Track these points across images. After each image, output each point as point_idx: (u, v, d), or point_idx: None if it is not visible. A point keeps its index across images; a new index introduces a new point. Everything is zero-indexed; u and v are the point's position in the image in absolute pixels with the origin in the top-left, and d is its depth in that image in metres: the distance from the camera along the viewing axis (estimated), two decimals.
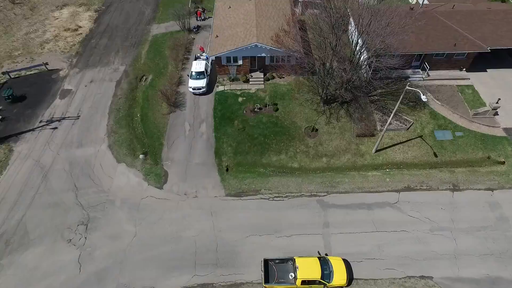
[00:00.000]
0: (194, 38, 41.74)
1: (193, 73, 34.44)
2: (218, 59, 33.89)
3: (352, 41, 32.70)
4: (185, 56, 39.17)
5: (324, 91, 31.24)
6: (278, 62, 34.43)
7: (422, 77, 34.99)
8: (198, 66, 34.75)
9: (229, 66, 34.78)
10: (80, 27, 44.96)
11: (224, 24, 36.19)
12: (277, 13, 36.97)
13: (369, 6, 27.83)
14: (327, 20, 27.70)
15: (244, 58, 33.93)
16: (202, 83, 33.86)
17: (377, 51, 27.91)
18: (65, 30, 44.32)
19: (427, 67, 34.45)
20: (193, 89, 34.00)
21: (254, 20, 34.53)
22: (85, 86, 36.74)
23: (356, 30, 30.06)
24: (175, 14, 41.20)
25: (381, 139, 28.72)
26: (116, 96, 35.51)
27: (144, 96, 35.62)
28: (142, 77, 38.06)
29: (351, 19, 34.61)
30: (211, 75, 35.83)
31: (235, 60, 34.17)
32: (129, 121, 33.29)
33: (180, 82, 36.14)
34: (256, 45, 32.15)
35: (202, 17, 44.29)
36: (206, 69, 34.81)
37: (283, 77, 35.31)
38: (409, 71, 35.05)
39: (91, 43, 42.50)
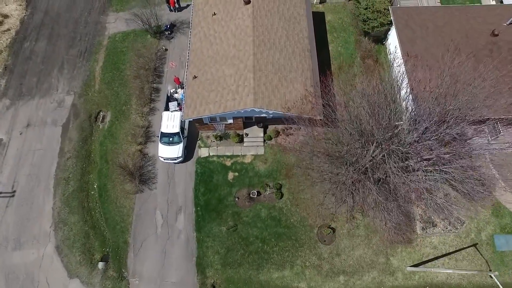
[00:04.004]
0: (166, 50, 29.34)
1: (164, 134, 24.29)
2: (198, 119, 23.34)
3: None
4: (154, 85, 27.84)
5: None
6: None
7: (488, 139, 24.83)
8: (170, 122, 24.28)
9: (215, 124, 24.37)
10: (6, 16, 31.77)
11: (206, 51, 24.14)
12: (287, 31, 24.46)
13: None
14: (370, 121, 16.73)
15: (236, 117, 23.38)
16: (176, 151, 24.01)
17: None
18: None
19: (499, 130, 24.05)
20: (165, 159, 24.39)
21: (251, 55, 22.61)
22: (20, 133, 26.83)
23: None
24: (136, 15, 28.08)
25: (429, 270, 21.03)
26: (63, 155, 26.02)
27: (101, 152, 26.15)
28: (98, 113, 27.71)
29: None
30: (191, 130, 25.58)
31: (223, 119, 23.65)
32: (83, 200, 24.79)
33: (148, 136, 26.10)
34: (253, 110, 21.44)
35: (177, 6, 30.71)
36: (182, 127, 24.48)
37: (291, 134, 25.20)
38: (471, 130, 24.63)
39: (24, 48, 30.30)
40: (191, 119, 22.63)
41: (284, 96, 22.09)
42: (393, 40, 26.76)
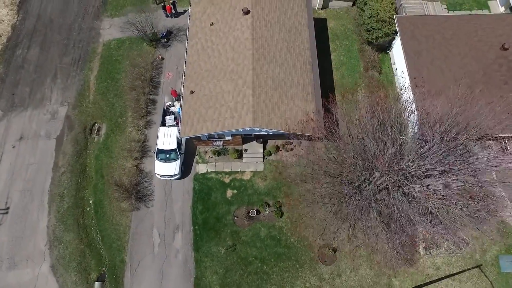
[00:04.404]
0: (163, 59, 28.36)
1: (160, 151, 23.56)
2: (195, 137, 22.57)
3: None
4: (150, 96, 26.98)
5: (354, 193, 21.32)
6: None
7: (495, 155, 24.04)
8: (167, 138, 23.53)
9: (213, 140, 23.62)
10: None
11: (203, 64, 23.21)
12: (287, 42, 23.48)
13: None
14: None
15: (234, 134, 22.62)
16: (173, 168, 23.32)
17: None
18: None
19: (507, 147, 23.29)
20: (161, 176, 23.72)
21: (250, 70, 21.71)
22: (13, 147, 26.10)
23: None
24: (131, 23, 27.04)
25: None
26: (57, 170, 25.35)
27: (97, 166, 25.47)
28: (93, 125, 26.92)
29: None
30: (188, 145, 24.83)
31: (221, 136, 22.88)
32: (78, 217, 24.22)
33: (144, 151, 25.37)
34: (252, 129, 20.65)
35: (174, 11, 29.57)
36: (179, 143, 23.74)
37: (292, 149, 24.46)
38: (477, 145, 23.89)
39: (16, 55, 29.33)
40: (188, 137, 21.87)
41: (284, 114, 21.28)
42: (397, 50, 25.79)
